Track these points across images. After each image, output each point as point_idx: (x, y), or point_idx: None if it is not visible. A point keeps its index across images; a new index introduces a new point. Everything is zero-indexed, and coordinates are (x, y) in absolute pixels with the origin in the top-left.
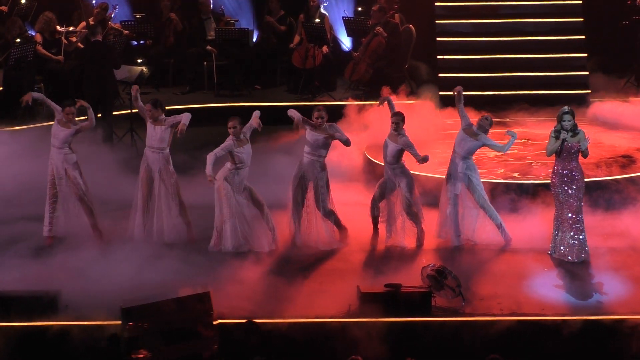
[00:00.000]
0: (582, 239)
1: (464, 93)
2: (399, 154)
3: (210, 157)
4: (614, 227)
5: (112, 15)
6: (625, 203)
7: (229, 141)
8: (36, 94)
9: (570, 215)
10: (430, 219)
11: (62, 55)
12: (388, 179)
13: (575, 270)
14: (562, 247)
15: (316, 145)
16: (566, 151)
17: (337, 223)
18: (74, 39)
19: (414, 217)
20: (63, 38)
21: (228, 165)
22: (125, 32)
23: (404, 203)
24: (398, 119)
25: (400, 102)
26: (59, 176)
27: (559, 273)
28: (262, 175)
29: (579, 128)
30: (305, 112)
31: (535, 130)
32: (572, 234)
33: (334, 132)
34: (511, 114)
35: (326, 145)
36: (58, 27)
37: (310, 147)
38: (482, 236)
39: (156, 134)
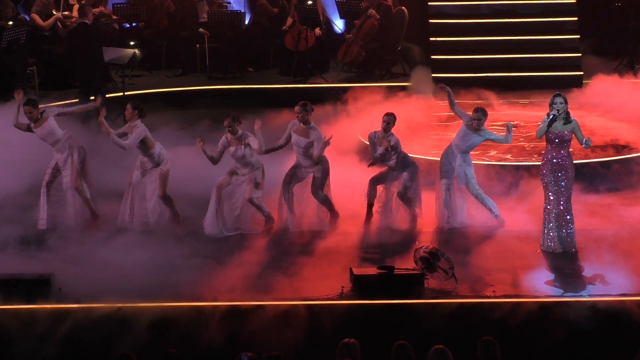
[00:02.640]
0: (571, 230)
1: (458, 75)
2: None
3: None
4: (605, 210)
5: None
6: (617, 186)
7: (222, 139)
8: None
9: (560, 207)
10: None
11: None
12: (389, 169)
13: (566, 257)
14: (550, 241)
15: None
16: (558, 138)
17: (331, 208)
18: (69, 23)
19: (408, 201)
20: (59, 23)
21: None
22: (115, 17)
23: (401, 188)
24: (390, 119)
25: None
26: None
27: (550, 257)
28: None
29: (572, 117)
30: (298, 95)
31: (527, 113)
32: (561, 225)
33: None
34: (503, 96)
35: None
36: (54, 12)
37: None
38: (475, 219)
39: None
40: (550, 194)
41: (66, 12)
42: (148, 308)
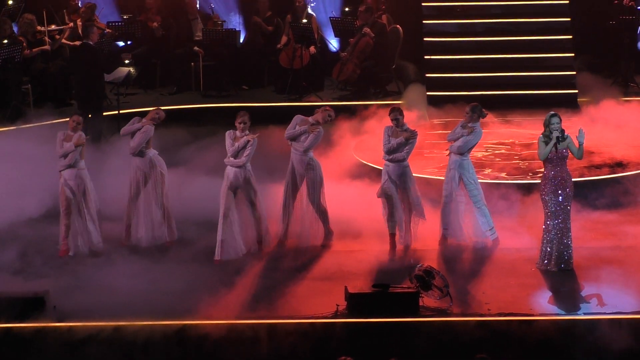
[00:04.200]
0: (568, 248)
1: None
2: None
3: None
4: (603, 227)
5: (99, 15)
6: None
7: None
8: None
9: (558, 224)
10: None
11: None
12: (388, 181)
13: (563, 274)
14: (547, 258)
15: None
16: (557, 157)
17: (325, 222)
18: (57, 37)
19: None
20: (47, 38)
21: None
22: (108, 30)
23: (412, 202)
24: (396, 114)
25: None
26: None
27: (546, 275)
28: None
29: (566, 133)
30: (293, 112)
31: (522, 130)
32: (559, 243)
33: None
34: (498, 114)
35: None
36: (39, 27)
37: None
38: (471, 236)
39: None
40: (549, 212)
41: (52, 26)
42: (144, 327)
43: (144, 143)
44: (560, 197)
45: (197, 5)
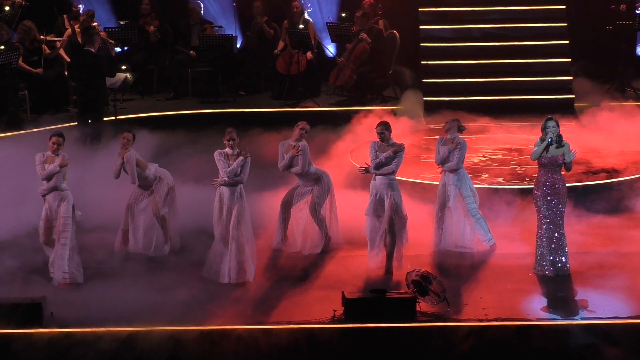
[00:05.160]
0: (564, 254)
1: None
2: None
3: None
4: (598, 232)
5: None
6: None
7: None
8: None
9: (553, 230)
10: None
11: (42, 67)
12: (377, 195)
13: (559, 281)
14: (543, 264)
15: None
16: (551, 163)
17: (323, 229)
18: (58, 45)
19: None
20: (44, 45)
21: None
22: (111, 41)
23: (388, 219)
24: (383, 127)
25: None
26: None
27: (543, 280)
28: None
29: (564, 140)
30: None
31: (518, 136)
32: (554, 249)
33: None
34: (494, 120)
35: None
36: (37, 36)
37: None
38: (468, 242)
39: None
40: (543, 217)
41: (51, 36)
42: (139, 333)
43: (136, 167)
44: (552, 202)
45: (201, 12)
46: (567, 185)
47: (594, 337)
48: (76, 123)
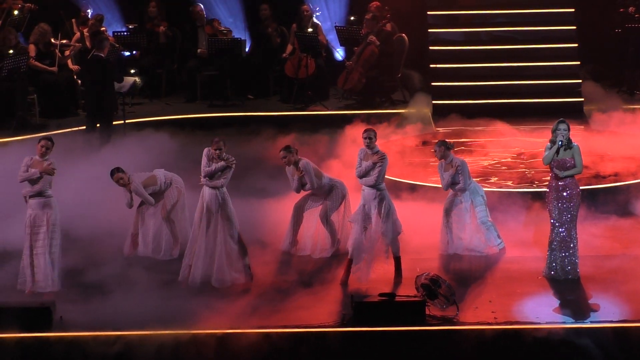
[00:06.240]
0: (574, 257)
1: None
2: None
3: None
4: (608, 236)
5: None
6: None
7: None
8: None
9: (564, 233)
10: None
11: (57, 67)
12: (364, 205)
13: (569, 283)
14: (553, 267)
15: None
16: (560, 166)
17: (333, 234)
18: (67, 52)
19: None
20: (57, 50)
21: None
22: (118, 46)
23: (385, 233)
24: (370, 134)
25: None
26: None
27: (552, 284)
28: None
29: (573, 142)
30: (298, 122)
31: (528, 139)
32: (565, 252)
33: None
34: (503, 123)
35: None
36: (52, 40)
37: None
38: (479, 246)
39: None
40: (554, 220)
41: (64, 41)
42: (148, 336)
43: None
44: (564, 206)
45: (204, 13)
46: (580, 188)
47: (604, 340)
48: (85, 127)
